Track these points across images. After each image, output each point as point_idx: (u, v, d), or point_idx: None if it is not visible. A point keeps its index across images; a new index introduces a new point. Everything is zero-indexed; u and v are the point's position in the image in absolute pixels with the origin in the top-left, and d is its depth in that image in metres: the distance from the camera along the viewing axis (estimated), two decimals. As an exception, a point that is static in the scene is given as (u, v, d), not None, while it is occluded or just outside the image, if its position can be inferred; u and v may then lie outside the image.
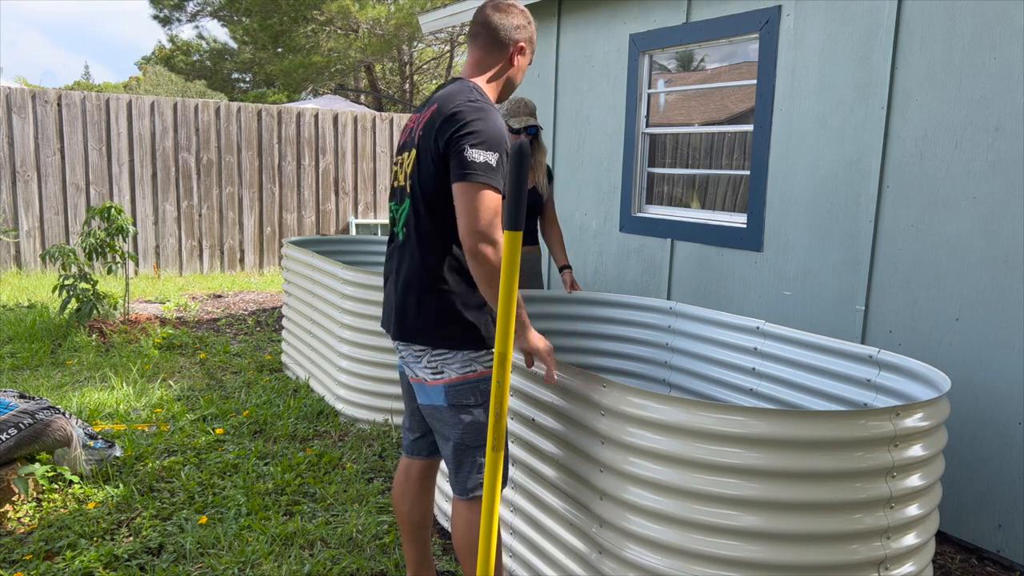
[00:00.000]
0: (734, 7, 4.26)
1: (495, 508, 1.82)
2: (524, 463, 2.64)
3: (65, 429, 3.48)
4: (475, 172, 2.01)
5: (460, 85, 2.19)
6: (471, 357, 2.18)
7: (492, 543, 1.84)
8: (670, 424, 2.08)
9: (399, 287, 2.23)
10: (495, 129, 2.07)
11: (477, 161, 2.01)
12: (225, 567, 2.86)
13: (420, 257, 2.17)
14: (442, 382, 2.18)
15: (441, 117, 2.10)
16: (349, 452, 3.97)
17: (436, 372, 2.18)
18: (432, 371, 2.19)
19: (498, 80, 2.29)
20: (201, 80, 22.22)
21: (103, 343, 5.88)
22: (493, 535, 1.83)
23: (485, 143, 2.03)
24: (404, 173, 2.25)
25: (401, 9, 17.43)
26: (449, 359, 2.17)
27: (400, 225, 2.25)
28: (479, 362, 2.20)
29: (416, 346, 2.20)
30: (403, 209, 2.24)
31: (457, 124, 2.06)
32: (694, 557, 2.10)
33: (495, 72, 2.28)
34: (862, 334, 3.61)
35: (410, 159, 2.21)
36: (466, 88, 2.16)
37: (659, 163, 5.01)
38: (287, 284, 5.35)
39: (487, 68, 2.27)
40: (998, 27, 3.10)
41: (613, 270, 5.23)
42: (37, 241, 8.92)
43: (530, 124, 3.90)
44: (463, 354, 2.17)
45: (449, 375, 2.18)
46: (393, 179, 2.35)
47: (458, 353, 2.17)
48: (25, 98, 8.71)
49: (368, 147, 10.81)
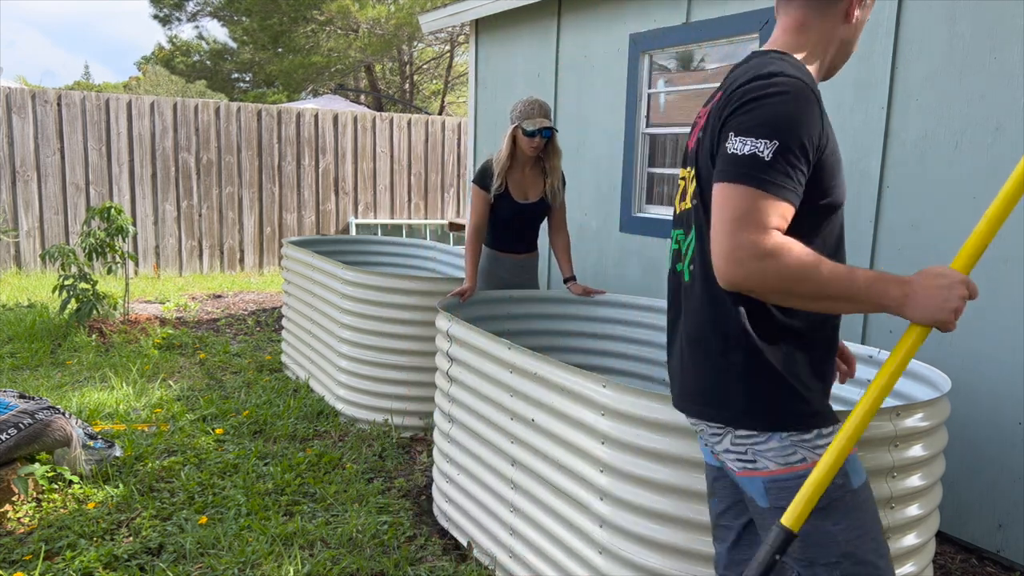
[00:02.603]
0: (734, 7, 4.26)
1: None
2: (524, 463, 2.64)
3: (65, 429, 3.48)
4: (734, 168, 1.41)
5: (759, 60, 1.54)
6: (794, 441, 1.49)
7: None
8: (670, 424, 2.08)
9: (684, 345, 1.64)
10: (782, 110, 1.41)
11: (739, 154, 1.40)
12: (225, 567, 2.85)
13: (711, 304, 1.55)
14: (757, 474, 1.53)
15: (723, 105, 1.50)
16: (349, 452, 3.97)
17: (745, 460, 1.54)
18: (738, 458, 1.55)
19: (826, 46, 1.60)
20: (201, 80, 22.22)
21: (103, 343, 5.88)
22: None
23: (757, 128, 1.40)
24: (689, 191, 1.63)
25: (401, 9, 17.43)
26: (761, 444, 1.51)
27: (686, 261, 1.63)
28: (806, 447, 1.49)
29: (712, 424, 1.59)
30: (689, 240, 1.62)
31: (731, 109, 1.47)
32: (694, 557, 2.10)
33: (821, 36, 1.59)
34: (862, 334, 3.61)
35: (692, 171, 1.61)
36: (765, 61, 1.51)
37: (659, 163, 5.01)
38: (287, 284, 5.35)
39: (807, 32, 1.58)
40: (998, 27, 3.10)
41: (613, 270, 5.23)
42: (37, 241, 8.92)
43: (544, 127, 3.70)
44: (781, 436, 1.50)
45: (766, 466, 1.51)
46: (679, 198, 1.72)
47: (773, 436, 1.50)
48: (25, 98, 8.71)
49: (368, 147, 10.80)
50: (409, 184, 11.18)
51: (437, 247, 6.00)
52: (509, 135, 3.77)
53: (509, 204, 3.85)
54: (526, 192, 3.88)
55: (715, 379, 1.56)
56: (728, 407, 1.54)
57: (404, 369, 4.23)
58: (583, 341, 3.83)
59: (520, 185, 3.87)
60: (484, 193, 3.83)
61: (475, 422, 2.93)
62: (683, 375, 1.65)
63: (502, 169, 3.78)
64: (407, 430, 4.29)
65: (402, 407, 4.27)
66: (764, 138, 1.39)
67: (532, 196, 3.89)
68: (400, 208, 11.15)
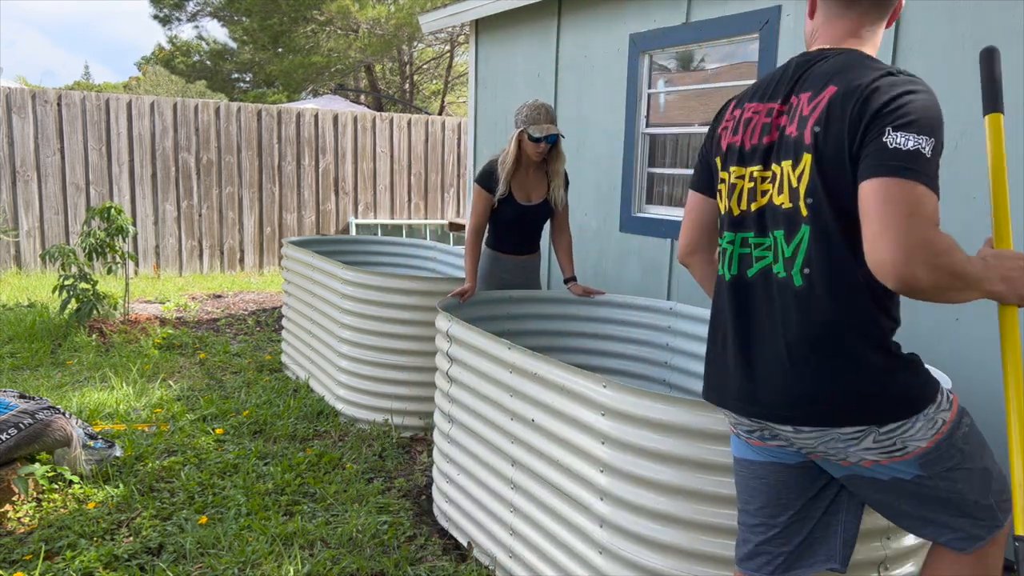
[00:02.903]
0: (734, 7, 4.26)
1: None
2: (524, 463, 2.64)
3: (65, 429, 3.48)
4: (901, 163, 1.39)
5: (851, 57, 1.56)
6: (933, 413, 1.57)
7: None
8: (670, 424, 2.08)
9: (791, 352, 1.56)
10: (933, 110, 1.45)
11: (903, 149, 1.39)
12: (225, 567, 2.86)
13: (841, 305, 1.51)
14: (908, 456, 1.57)
15: (853, 100, 1.46)
16: (349, 452, 3.97)
17: (894, 449, 1.56)
18: (883, 450, 1.56)
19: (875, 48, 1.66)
20: (201, 80, 22.22)
21: (103, 343, 5.88)
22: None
23: (915, 124, 1.41)
24: (786, 188, 1.57)
25: (401, 9, 17.43)
26: (909, 429, 1.54)
27: (798, 265, 1.55)
28: (941, 411, 1.59)
29: (841, 429, 1.54)
30: (797, 240, 1.56)
31: (878, 103, 1.44)
32: (694, 557, 2.10)
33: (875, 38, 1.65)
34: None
35: (801, 167, 1.53)
36: (864, 58, 1.56)
37: (659, 163, 5.01)
38: (287, 284, 5.35)
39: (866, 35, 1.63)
40: (998, 27, 3.10)
41: (613, 270, 5.23)
42: (37, 241, 8.93)
43: (551, 133, 3.68)
44: (925, 415, 1.55)
45: (918, 445, 1.56)
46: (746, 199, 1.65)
47: (918, 418, 1.54)
48: (25, 98, 8.71)
49: (368, 147, 10.81)
50: (409, 184, 11.18)
51: (437, 247, 6.00)
52: (515, 139, 3.73)
53: (512, 206, 3.85)
54: (529, 194, 3.88)
55: (852, 382, 1.52)
56: (871, 406, 1.52)
57: (404, 369, 4.23)
58: (583, 341, 3.83)
59: (523, 187, 3.87)
60: (487, 194, 3.83)
61: (475, 422, 2.93)
62: (788, 383, 1.56)
63: (508, 174, 3.77)
64: (407, 430, 4.29)
65: (402, 407, 4.27)
66: (924, 135, 1.40)
67: (535, 198, 3.89)
68: (400, 208, 11.15)
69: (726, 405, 1.71)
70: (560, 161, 3.86)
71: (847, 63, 1.54)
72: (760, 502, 1.72)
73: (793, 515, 1.70)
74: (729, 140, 1.69)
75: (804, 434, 1.58)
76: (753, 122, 1.64)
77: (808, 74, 1.59)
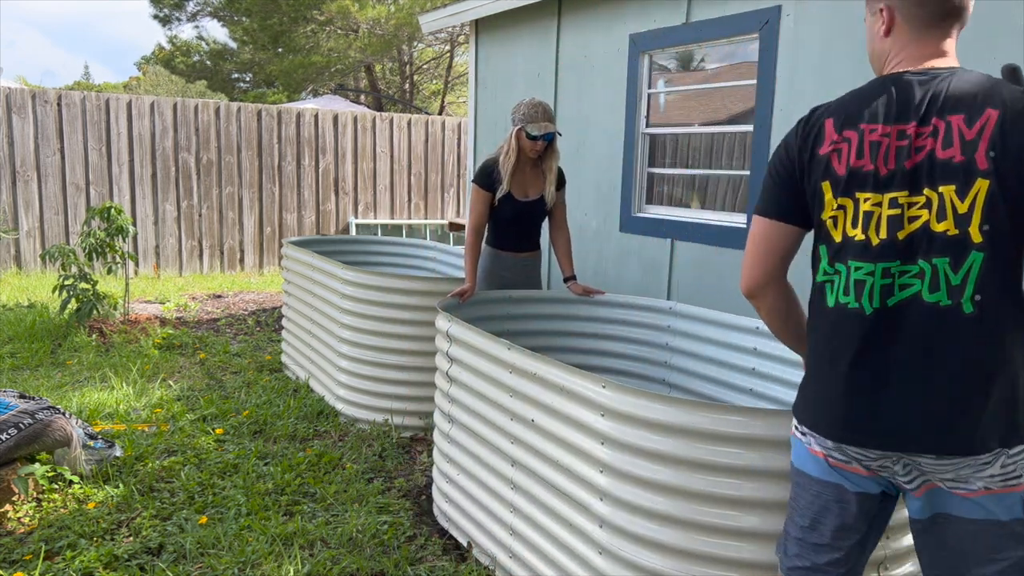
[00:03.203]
0: (734, 7, 4.26)
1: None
2: (524, 464, 2.64)
3: (65, 429, 3.48)
4: None
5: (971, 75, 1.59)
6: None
7: None
8: (670, 424, 2.08)
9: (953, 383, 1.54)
10: None
11: None
12: (225, 567, 2.86)
13: (1007, 333, 1.52)
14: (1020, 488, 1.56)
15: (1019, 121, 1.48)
16: (349, 452, 3.97)
17: (1010, 478, 1.56)
18: (1004, 477, 1.56)
19: None
20: (201, 80, 22.22)
21: (103, 343, 5.88)
22: None
23: None
24: (949, 214, 1.52)
25: (401, 9, 17.43)
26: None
27: (968, 293, 1.52)
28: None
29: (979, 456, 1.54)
30: (966, 268, 1.52)
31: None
32: (694, 557, 2.10)
33: None
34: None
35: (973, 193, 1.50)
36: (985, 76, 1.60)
37: (659, 163, 5.01)
38: (287, 284, 5.35)
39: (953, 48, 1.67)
40: (998, 27, 3.10)
41: (613, 270, 5.23)
42: (37, 241, 8.93)
43: (549, 132, 3.73)
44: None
45: None
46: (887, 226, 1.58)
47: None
48: (25, 98, 8.71)
49: (368, 147, 10.81)
50: (409, 184, 11.18)
51: (437, 247, 6.00)
52: (513, 136, 3.77)
53: (511, 202, 3.86)
54: (526, 190, 3.90)
55: (1012, 410, 1.53)
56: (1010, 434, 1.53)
57: (404, 369, 4.23)
58: (583, 341, 3.83)
59: (521, 184, 3.89)
60: (485, 193, 3.84)
61: (475, 422, 2.93)
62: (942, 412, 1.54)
63: (509, 171, 3.79)
64: (407, 430, 4.29)
65: (402, 407, 4.27)
66: None
67: (532, 194, 3.91)
68: (400, 208, 11.15)
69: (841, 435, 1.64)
70: (555, 159, 3.89)
71: (980, 83, 1.55)
72: (834, 525, 1.73)
73: (858, 540, 1.74)
74: (852, 164, 1.60)
75: (944, 462, 1.56)
76: (884, 145, 1.57)
77: (939, 95, 1.55)
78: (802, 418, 1.72)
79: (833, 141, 1.63)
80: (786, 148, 1.72)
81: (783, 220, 1.73)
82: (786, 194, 1.71)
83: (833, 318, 1.65)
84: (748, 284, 1.79)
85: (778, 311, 1.82)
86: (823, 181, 1.63)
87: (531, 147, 3.76)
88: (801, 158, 1.68)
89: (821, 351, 1.69)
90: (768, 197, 1.75)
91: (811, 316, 1.74)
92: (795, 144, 1.69)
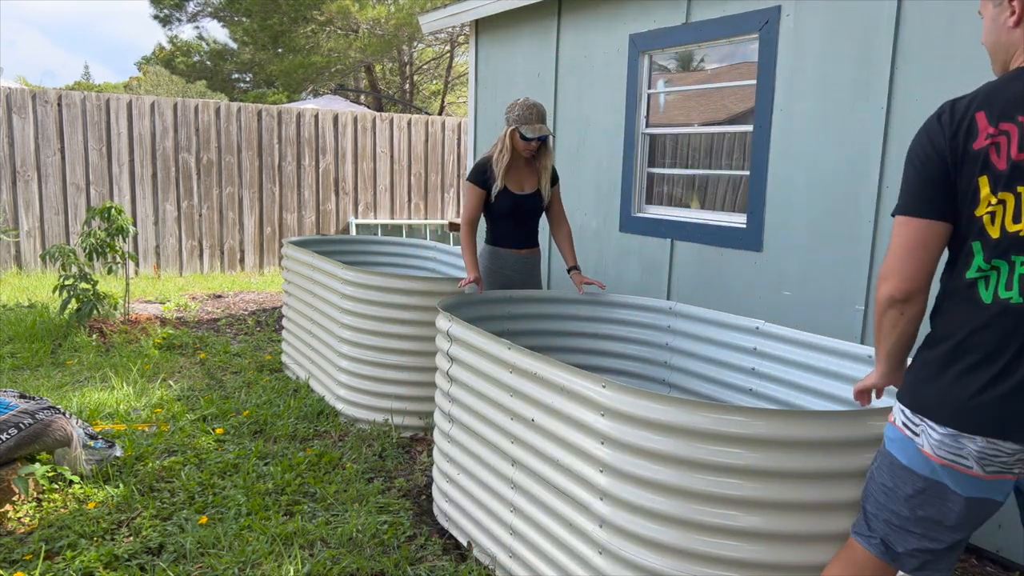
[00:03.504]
0: (734, 7, 4.26)
1: None
2: (524, 463, 2.64)
3: (65, 429, 3.48)
4: None
5: None
6: None
7: None
8: (670, 424, 2.08)
9: None
10: None
11: None
12: (225, 567, 2.86)
13: None
14: None
15: None
16: (349, 452, 3.98)
17: None
18: None
19: None
20: (201, 80, 22.23)
21: (103, 343, 5.88)
22: None
23: None
24: None
25: (401, 9, 17.43)
26: None
27: None
28: None
29: None
30: None
31: None
32: (694, 557, 2.10)
33: None
34: (862, 334, 3.61)
35: None
36: None
37: (659, 163, 5.01)
38: (287, 284, 5.36)
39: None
40: (998, 27, 3.10)
41: (613, 270, 5.23)
42: (37, 241, 8.93)
43: (542, 134, 3.80)
44: None
45: None
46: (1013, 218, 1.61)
47: None
48: (25, 98, 8.71)
49: (368, 147, 10.81)
50: (409, 184, 11.18)
51: (437, 247, 6.00)
52: (507, 136, 3.84)
53: (508, 196, 3.93)
54: (522, 184, 3.98)
55: None
56: None
57: (404, 369, 4.23)
58: (583, 341, 3.83)
59: (517, 179, 3.97)
60: (479, 190, 3.91)
61: (475, 422, 2.94)
62: None
63: (503, 168, 3.84)
64: (407, 430, 4.29)
65: (402, 407, 4.27)
66: None
67: (528, 188, 3.98)
68: (400, 208, 11.15)
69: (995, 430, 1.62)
70: (548, 157, 3.98)
71: None
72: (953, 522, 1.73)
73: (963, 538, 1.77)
74: (1014, 157, 1.58)
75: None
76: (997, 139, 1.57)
77: None
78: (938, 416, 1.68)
79: (989, 135, 1.59)
80: (931, 144, 1.67)
81: (936, 218, 1.67)
82: (936, 191, 1.67)
83: (992, 313, 1.63)
84: (902, 288, 1.71)
85: (919, 317, 1.76)
86: (980, 176, 1.60)
87: (524, 147, 3.85)
88: (953, 153, 1.64)
89: (969, 347, 1.66)
90: (916, 195, 1.70)
91: (954, 314, 1.70)
92: (943, 139, 1.65)
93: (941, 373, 1.69)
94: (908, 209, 1.71)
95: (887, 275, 1.73)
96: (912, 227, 1.70)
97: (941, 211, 1.67)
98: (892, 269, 1.72)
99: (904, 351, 1.82)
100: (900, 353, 1.83)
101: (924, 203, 1.69)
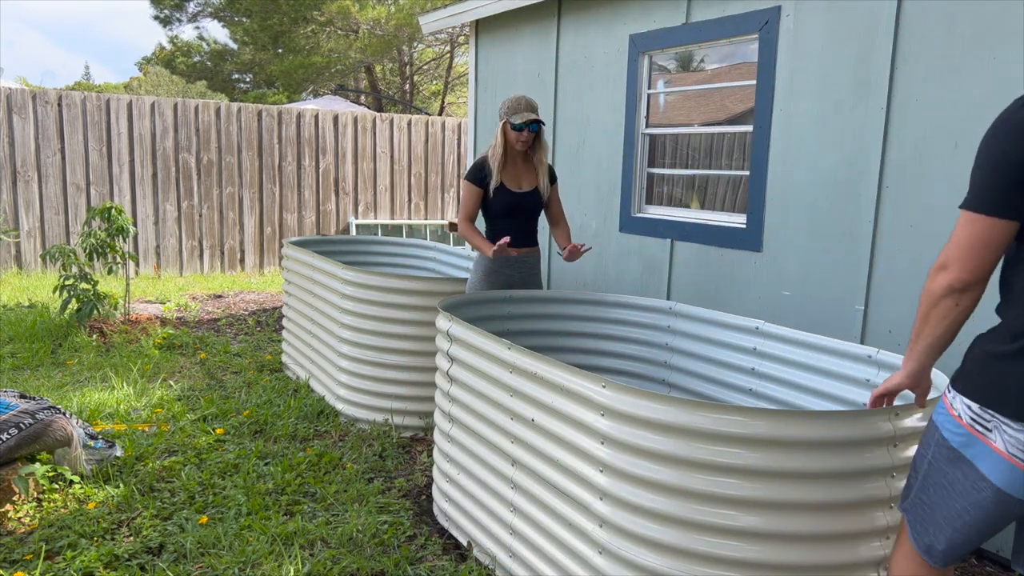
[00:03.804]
0: (734, 7, 4.26)
1: None
2: (524, 463, 2.64)
3: (66, 429, 3.48)
4: None
5: None
6: None
7: None
8: (670, 424, 2.08)
9: None
10: None
11: None
12: (225, 567, 2.86)
13: None
14: None
15: None
16: (349, 452, 3.98)
17: None
18: None
19: None
20: (202, 81, 22.23)
21: (103, 343, 5.88)
22: None
23: None
24: None
25: (401, 9, 17.44)
26: None
27: None
28: None
29: None
30: None
31: None
32: (694, 557, 2.10)
33: None
34: (861, 334, 3.61)
35: None
36: None
37: (659, 163, 5.01)
38: (287, 284, 5.36)
39: None
40: (998, 27, 3.10)
41: (613, 270, 5.23)
42: (37, 241, 8.93)
43: (531, 120, 3.79)
44: None
45: None
46: None
47: None
48: (25, 98, 8.71)
49: (368, 147, 10.81)
50: (409, 184, 11.18)
51: (437, 247, 6.01)
52: (500, 131, 3.89)
53: (506, 194, 3.93)
54: (520, 182, 3.98)
55: None
56: None
57: (404, 369, 4.24)
58: (583, 341, 3.84)
59: (514, 177, 3.99)
60: (477, 189, 3.92)
61: (475, 422, 2.94)
62: None
63: (499, 164, 3.87)
64: (407, 430, 4.30)
65: (402, 407, 4.27)
66: None
67: (526, 186, 3.98)
68: (400, 208, 11.15)
69: None
70: (544, 151, 3.99)
71: None
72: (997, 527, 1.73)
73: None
74: None
75: None
76: None
77: None
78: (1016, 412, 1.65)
79: None
80: (999, 142, 1.65)
81: (1002, 216, 1.66)
82: (1003, 189, 1.65)
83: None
84: (962, 278, 1.70)
85: (971, 310, 1.75)
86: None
87: (517, 138, 3.85)
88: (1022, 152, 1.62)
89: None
90: (984, 193, 1.68)
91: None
92: (1012, 137, 1.63)
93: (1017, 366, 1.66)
94: (974, 205, 1.68)
95: (947, 264, 1.70)
96: (980, 225, 1.67)
97: (1006, 209, 1.65)
98: (953, 259, 1.69)
99: (943, 348, 1.80)
100: (939, 349, 1.80)
101: (989, 201, 1.66)
